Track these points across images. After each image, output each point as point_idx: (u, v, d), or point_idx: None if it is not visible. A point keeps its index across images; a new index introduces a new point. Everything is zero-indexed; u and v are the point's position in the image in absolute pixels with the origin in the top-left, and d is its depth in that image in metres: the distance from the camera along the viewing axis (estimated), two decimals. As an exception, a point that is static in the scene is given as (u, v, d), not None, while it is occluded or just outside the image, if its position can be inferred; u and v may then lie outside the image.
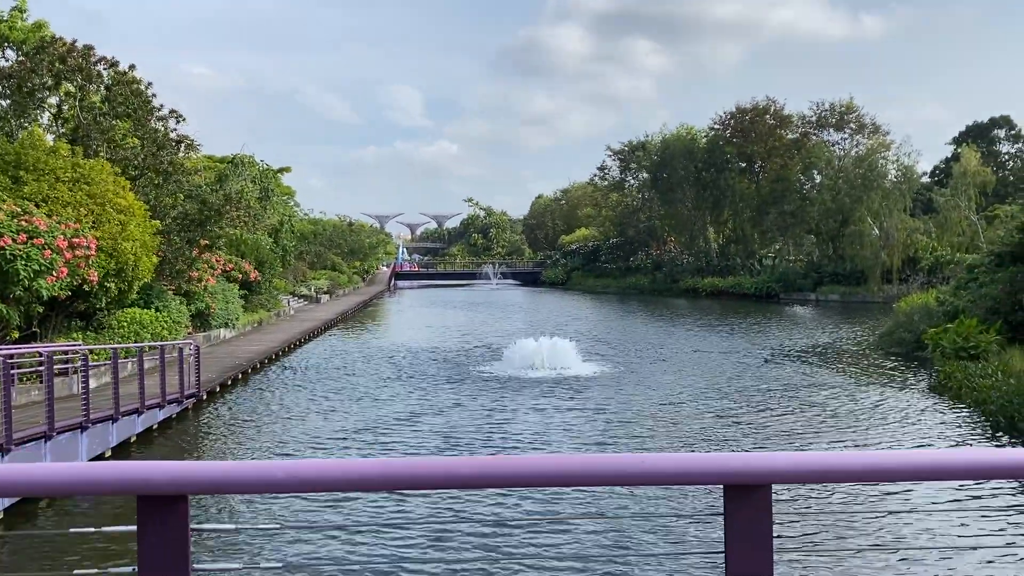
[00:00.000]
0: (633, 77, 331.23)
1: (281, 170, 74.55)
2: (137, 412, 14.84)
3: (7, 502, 9.82)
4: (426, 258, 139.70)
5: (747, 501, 1.85)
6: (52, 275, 16.02)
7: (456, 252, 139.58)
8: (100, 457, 13.28)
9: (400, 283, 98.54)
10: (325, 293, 58.34)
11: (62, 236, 16.36)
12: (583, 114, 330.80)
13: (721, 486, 1.89)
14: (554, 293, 77.61)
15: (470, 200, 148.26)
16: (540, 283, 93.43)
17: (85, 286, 17.68)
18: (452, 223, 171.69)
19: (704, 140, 76.34)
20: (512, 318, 45.49)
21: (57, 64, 22.41)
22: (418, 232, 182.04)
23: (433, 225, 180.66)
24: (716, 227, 77.49)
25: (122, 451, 14.09)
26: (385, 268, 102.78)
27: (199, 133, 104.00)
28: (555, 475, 1.85)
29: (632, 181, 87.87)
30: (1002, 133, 77.81)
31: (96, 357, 18.17)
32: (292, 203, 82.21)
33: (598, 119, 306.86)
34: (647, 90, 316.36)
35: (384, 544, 9.29)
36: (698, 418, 16.43)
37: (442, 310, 54.39)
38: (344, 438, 14.92)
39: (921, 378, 21.13)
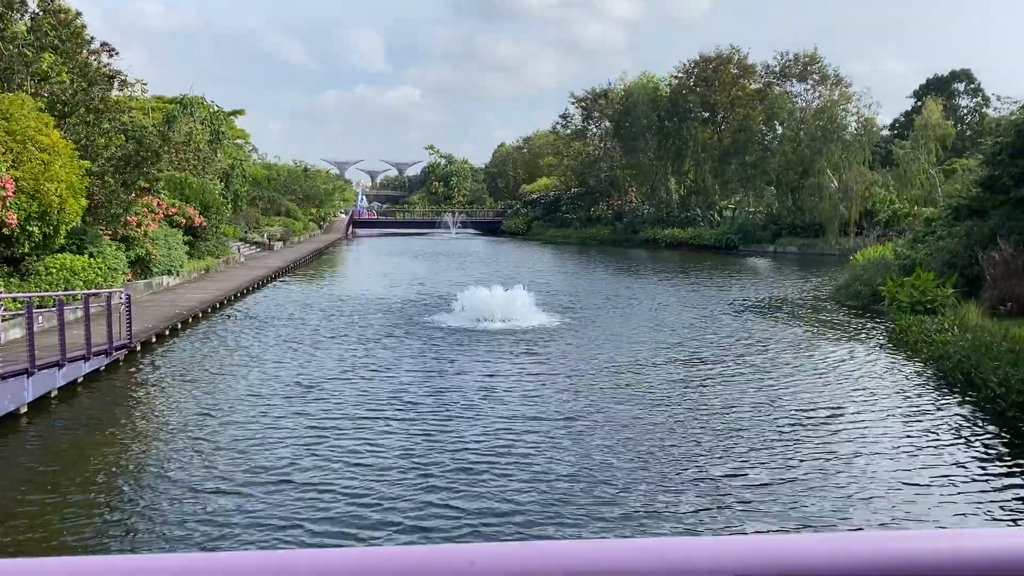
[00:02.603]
0: (601, 23, 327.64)
1: (234, 112, 72.23)
2: (58, 365, 13.91)
3: None
4: (385, 206, 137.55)
5: None
6: (-39, 217, 14.88)
7: (416, 200, 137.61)
8: (12, 415, 12.40)
9: (359, 231, 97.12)
10: (278, 240, 56.95)
11: (-28, 175, 15.18)
12: (549, 61, 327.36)
13: None
14: (514, 243, 76.84)
15: (431, 148, 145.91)
16: (500, 233, 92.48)
17: (4, 229, 16.52)
18: (413, 171, 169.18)
19: (667, 89, 75.38)
20: (469, 268, 44.74)
21: (-26, -10, 20.78)
22: (379, 179, 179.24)
23: (394, 172, 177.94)
24: (677, 178, 76.99)
25: (41, 406, 13.20)
26: (343, 215, 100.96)
27: (153, 73, 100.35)
28: None
29: (594, 130, 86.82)
30: (961, 87, 78.01)
31: (20, 306, 17.14)
32: (249, 147, 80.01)
33: (565, 66, 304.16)
34: (616, 38, 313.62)
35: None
36: (655, 377, 15.96)
37: (399, 259, 53.43)
38: (274, 396, 14.21)
39: (877, 332, 20.88)
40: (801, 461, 10.23)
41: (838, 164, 57.42)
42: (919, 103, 68.35)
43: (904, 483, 9.43)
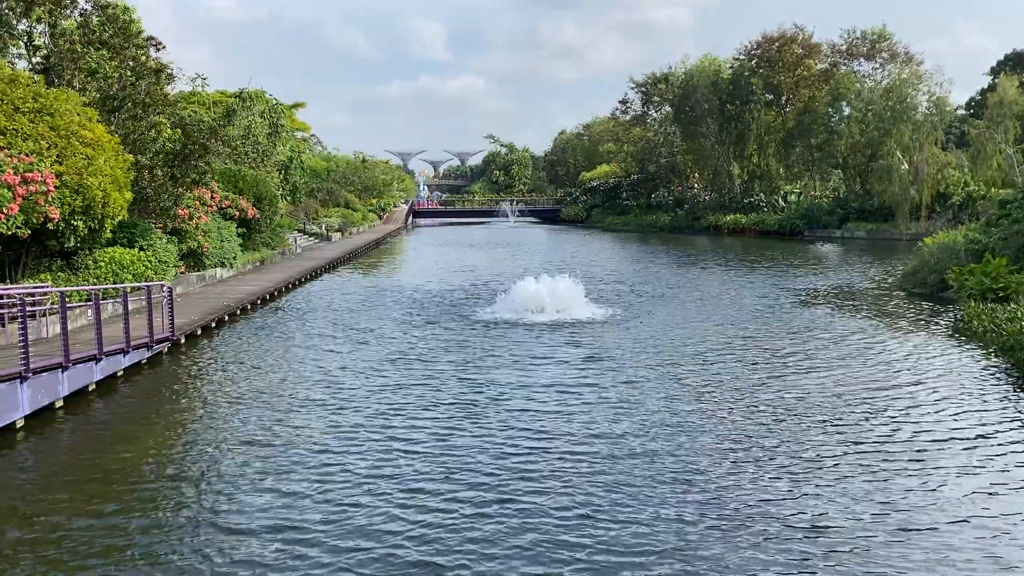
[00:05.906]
0: (669, 4, 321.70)
1: (295, 106, 73.08)
2: (94, 359, 13.91)
3: None
4: (446, 195, 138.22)
5: None
6: (1, 212, 14.96)
7: (477, 189, 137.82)
8: (48, 408, 12.40)
9: (419, 220, 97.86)
10: (336, 231, 57.38)
11: (12, 171, 15.23)
12: (614, 45, 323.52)
13: None
14: (573, 231, 76.10)
15: (491, 136, 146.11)
16: (559, 221, 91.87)
17: (48, 224, 16.64)
18: (475, 160, 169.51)
19: (729, 71, 73.44)
20: (523, 258, 44.30)
21: (25, -13, 21.03)
22: (441, 169, 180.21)
23: (456, 162, 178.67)
24: (740, 162, 75.06)
25: (76, 401, 13.20)
26: (403, 205, 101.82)
27: (222, 67, 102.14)
28: None
29: (654, 115, 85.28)
30: (1043, 62, 74.11)
31: (69, 300, 17.26)
32: (314, 139, 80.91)
33: (630, 51, 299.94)
34: (683, 19, 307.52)
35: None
36: (711, 376, 15.26)
37: (455, 248, 53.29)
38: (309, 392, 13.99)
39: (944, 321, 19.70)
40: (872, 477, 9.50)
41: (908, 145, 55.07)
42: (995, 80, 65.18)
43: (975, 499, 8.66)
